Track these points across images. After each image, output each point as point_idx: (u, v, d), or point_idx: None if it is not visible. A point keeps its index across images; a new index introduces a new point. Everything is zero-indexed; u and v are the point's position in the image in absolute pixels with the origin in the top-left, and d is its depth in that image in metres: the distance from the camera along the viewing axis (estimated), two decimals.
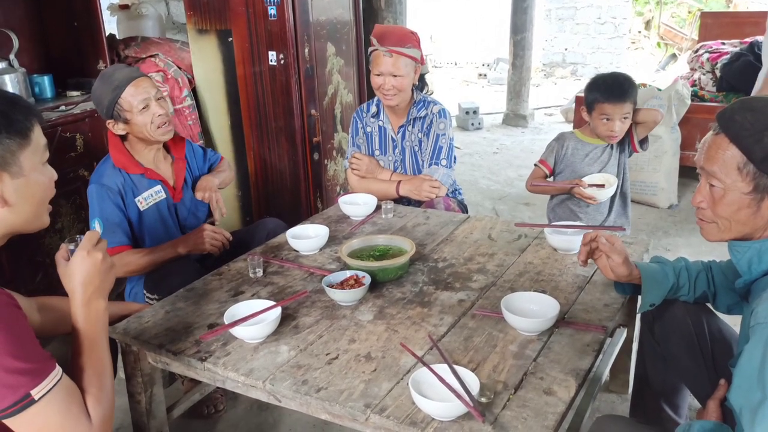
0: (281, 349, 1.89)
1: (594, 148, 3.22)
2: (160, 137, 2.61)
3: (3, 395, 1.31)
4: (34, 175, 1.48)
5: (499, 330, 1.94)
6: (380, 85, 2.99)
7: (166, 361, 1.96)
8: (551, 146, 3.34)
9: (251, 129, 3.77)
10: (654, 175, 4.83)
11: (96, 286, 1.54)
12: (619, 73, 3.18)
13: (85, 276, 1.52)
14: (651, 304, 2.00)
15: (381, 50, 2.93)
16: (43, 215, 1.56)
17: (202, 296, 2.25)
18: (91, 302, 1.53)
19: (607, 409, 2.58)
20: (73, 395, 1.42)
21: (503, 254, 2.49)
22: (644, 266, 2.04)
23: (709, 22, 6.51)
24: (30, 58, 3.74)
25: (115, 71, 2.56)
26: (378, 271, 2.25)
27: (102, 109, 2.56)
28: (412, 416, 1.56)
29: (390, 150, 3.23)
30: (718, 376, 1.83)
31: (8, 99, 1.46)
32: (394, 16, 5.24)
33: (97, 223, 2.49)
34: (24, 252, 3.15)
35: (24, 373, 1.32)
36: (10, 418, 1.34)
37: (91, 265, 1.53)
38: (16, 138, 1.42)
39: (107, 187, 2.54)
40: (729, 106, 1.58)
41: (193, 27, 3.75)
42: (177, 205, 2.74)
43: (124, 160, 2.60)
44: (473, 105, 8.02)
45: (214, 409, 2.64)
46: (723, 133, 1.54)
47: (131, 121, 2.54)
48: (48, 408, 1.35)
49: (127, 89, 2.51)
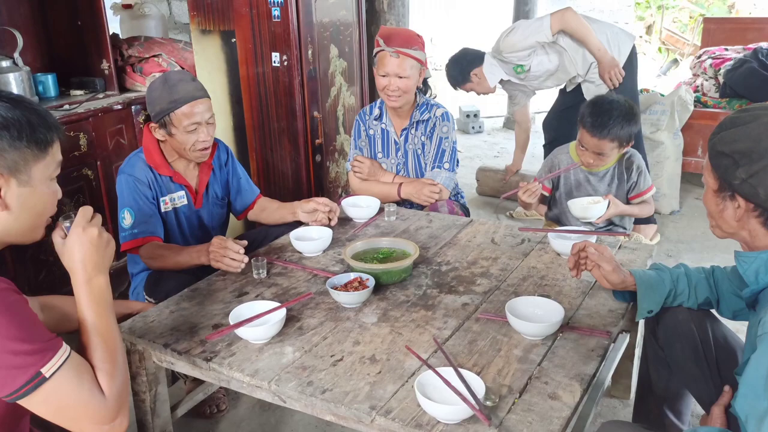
0: (286, 350, 1.90)
1: (585, 173, 3.16)
2: (195, 159, 2.62)
3: (14, 376, 1.33)
4: (41, 188, 1.48)
5: (503, 334, 1.94)
6: (385, 86, 2.99)
7: (171, 361, 1.96)
8: (546, 164, 3.32)
9: (254, 130, 3.76)
10: (656, 180, 4.83)
11: (95, 262, 1.52)
12: (619, 103, 2.91)
13: (84, 253, 1.50)
14: (649, 311, 2.00)
15: (388, 51, 2.94)
16: (39, 228, 1.55)
17: (206, 297, 2.25)
18: (92, 279, 1.51)
19: (609, 415, 2.58)
20: (85, 371, 1.42)
21: (507, 258, 2.50)
22: (639, 273, 2.04)
23: (712, 27, 6.50)
24: (34, 57, 3.75)
25: (180, 82, 2.52)
26: (382, 274, 2.25)
27: (151, 111, 2.54)
28: (417, 419, 1.57)
29: (393, 153, 3.23)
30: (723, 382, 1.83)
31: (37, 111, 1.47)
32: (396, 18, 5.23)
33: (127, 212, 2.51)
34: (27, 250, 3.15)
35: (32, 353, 1.33)
36: (25, 397, 1.35)
37: (88, 242, 1.50)
38: (35, 149, 1.44)
39: (138, 178, 2.55)
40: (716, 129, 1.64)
41: (196, 27, 3.75)
42: (198, 211, 2.75)
43: (157, 160, 2.60)
44: (474, 108, 8.01)
45: (217, 409, 2.63)
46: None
47: (174, 136, 2.53)
48: (60, 384, 1.37)
49: (184, 107, 2.49)
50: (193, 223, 2.77)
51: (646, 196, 3.15)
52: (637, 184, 3.13)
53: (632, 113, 2.90)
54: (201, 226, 2.80)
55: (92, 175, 3.53)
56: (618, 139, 2.90)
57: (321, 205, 2.72)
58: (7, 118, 1.41)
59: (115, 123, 3.69)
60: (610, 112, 2.85)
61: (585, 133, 2.92)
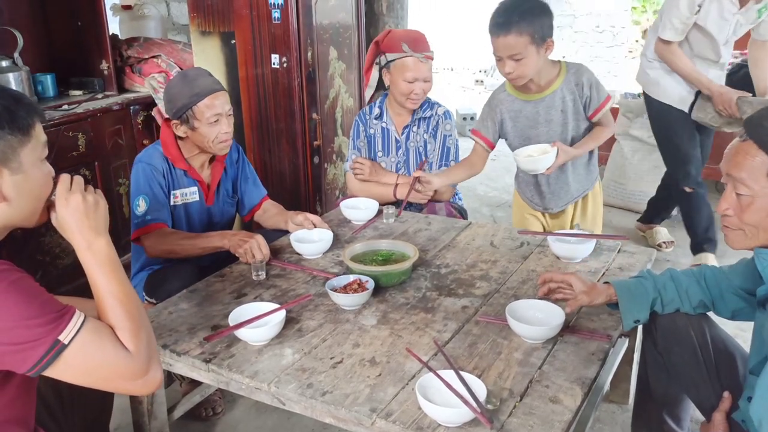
0: (285, 352, 1.89)
1: (532, 104, 2.84)
2: (218, 151, 2.65)
3: (34, 347, 1.34)
4: (33, 171, 1.47)
5: (503, 337, 1.94)
6: (411, 90, 3.01)
7: (170, 362, 1.95)
8: (484, 112, 3.00)
9: (252, 131, 3.76)
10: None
11: (88, 225, 1.51)
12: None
13: (75, 220, 1.50)
14: (635, 320, 1.98)
15: (417, 56, 2.98)
16: (40, 210, 1.55)
17: (205, 298, 2.24)
18: (92, 244, 1.51)
19: (607, 420, 2.58)
20: (104, 331, 1.43)
21: (506, 261, 2.49)
22: (618, 284, 2.02)
23: None
24: (33, 57, 3.74)
25: (199, 77, 2.57)
26: (381, 276, 2.25)
27: (172, 108, 2.56)
28: (418, 421, 1.56)
29: (393, 151, 3.24)
30: (722, 387, 1.83)
31: (12, 96, 1.45)
32: (395, 21, 5.23)
33: (142, 200, 2.55)
34: (23, 250, 3.14)
35: (46, 324, 1.35)
36: (49, 367, 1.36)
37: (75, 209, 1.50)
38: (18, 134, 1.42)
39: (155, 167, 2.58)
40: (757, 112, 1.56)
41: (196, 29, 3.74)
42: (210, 209, 2.76)
43: (174, 153, 2.63)
44: (471, 111, 8.02)
45: (213, 412, 2.63)
46: (751, 140, 1.52)
47: (198, 130, 2.56)
48: (82, 348, 1.38)
49: (205, 99, 2.53)
50: (203, 219, 2.79)
51: (606, 108, 2.81)
52: (591, 99, 2.78)
53: (540, 4, 2.61)
54: (210, 223, 2.81)
55: (90, 176, 3.53)
56: (528, 33, 2.54)
57: (307, 221, 2.72)
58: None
59: (114, 123, 3.69)
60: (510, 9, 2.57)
61: (492, 39, 2.62)
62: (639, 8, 12.59)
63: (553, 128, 2.82)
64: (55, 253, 3.35)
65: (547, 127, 2.83)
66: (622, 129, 5.13)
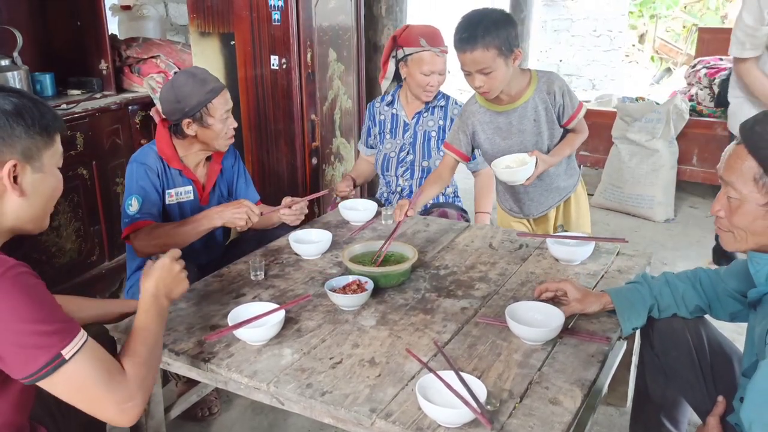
0: (284, 352, 1.89)
1: (504, 115, 2.77)
2: (222, 147, 2.67)
3: (36, 356, 1.36)
4: (50, 174, 1.55)
5: (502, 338, 1.94)
6: (427, 83, 3.17)
7: (168, 361, 1.94)
8: (456, 125, 2.93)
9: (250, 131, 3.76)
10: (651, 188, 4.85)
11: (166, 284, 1.73)
12: (485, 12, 2.57)
13: (160, 275, 1.72)
14: (633, 327, 1.99)
15: (434, 51, 3.13)
16: (48, 215, 1.62)
17: (203, 297, 2.24)
18: (160, 297, 1.70)
19: (605, 423, 2.58)
20: (102, 354, 1.47)
21: (505, 263, 2.49)
22: (614, 292, 2.04)
23: (706, 37, 6.52)
24: (32, 56, 3.73)
25: (207, 75, 2.59)
26: (380, 277, 2.24)
27: (183, 108, 2.53)
28: (418, 422, 1.56)
29: (400, 134, 3.36)
30: (717, 389, 1.83)
31: (42, 102, 1.54)
32: (394, 23, 5.23)
33: (134, 199, 2.56)
34: (20, 249, 3.13)
35: (52, 334, 1.37)
36: (45, 378, 1.38)
37: (167, 270, 1.74)
38: (45, 136, 1.51)
39: (149, 167, 2.59)
40: (753, 116, 1.57)
41: (195, 29, 3.74)
42: (204, 209, 2.74)
43: (169, 153, 2.63)
44: None
45: (209, 412, 2.62)
46: (743, 144, 1.54)
47: (211, 127, 2.57)
48: (80, 366, 1.40)
49: (219, 96, 2.57)
50: None
51: (580, 115, 2.74)
52: (565, 107, 2.72)
53: (503, 15, 2.57)
54: None
55: (87, 175, 3.52)
56: (494, 46, 2.48)
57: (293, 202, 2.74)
58: (19, 106, 1.46)
59: (112, 123, 3.68)
60: (473, 23, 2.52)
61: (458, 55, 2.58)
62: (636, 13, 12.62)
63: (527, 138, 2.75)
64: (51, 252, 3.34)
65: (521, 137, 2.76)
66: (620, 132, 5.15)
